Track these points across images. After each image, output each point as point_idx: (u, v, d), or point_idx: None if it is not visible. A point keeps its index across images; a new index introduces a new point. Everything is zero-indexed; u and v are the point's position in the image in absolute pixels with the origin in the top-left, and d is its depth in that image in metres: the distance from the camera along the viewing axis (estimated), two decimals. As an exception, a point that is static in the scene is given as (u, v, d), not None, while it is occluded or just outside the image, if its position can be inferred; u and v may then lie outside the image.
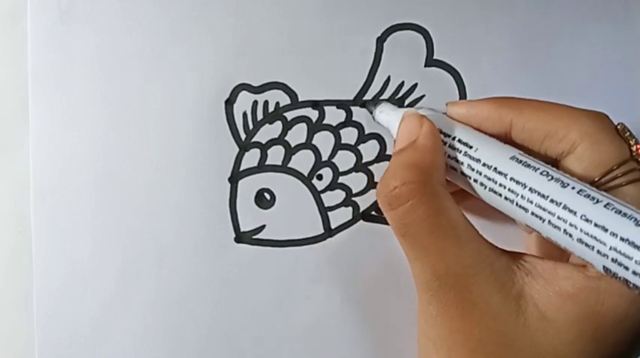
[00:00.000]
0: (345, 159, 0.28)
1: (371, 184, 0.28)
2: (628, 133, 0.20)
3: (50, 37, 0.27)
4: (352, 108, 0.28)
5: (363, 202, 0.28)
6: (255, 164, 0.28)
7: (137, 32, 0.27)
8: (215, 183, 0.27)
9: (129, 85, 0.27)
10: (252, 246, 0.27)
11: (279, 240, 0.27)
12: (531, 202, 0.18)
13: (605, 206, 0.16)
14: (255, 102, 0.28)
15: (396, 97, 0.28)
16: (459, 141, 0.21)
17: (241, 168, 0.27)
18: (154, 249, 0.27)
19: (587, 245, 0.16)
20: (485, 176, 0.19)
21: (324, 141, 0.28)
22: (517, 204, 0.18)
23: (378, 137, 0.28)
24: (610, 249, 0.15)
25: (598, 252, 0.16)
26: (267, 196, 0.28)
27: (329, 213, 0.28)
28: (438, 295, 0.20)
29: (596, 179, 0.19)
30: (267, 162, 0.28)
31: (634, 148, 0.20)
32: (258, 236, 0.27)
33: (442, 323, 0.20)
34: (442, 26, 0.28)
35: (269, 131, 0.28)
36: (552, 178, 0.18)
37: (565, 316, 0.18)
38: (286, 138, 0.28)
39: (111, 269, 0.26)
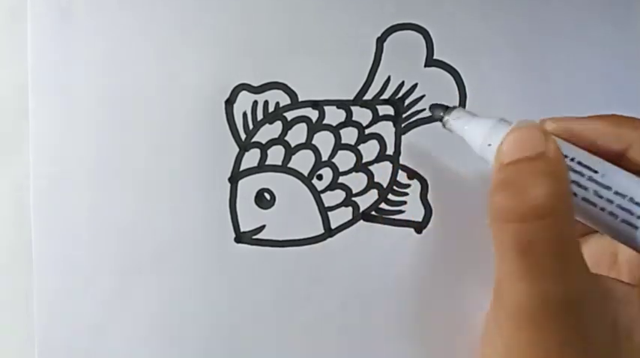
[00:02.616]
0: (345, 159, 0.28)
1: (371, 184, 0.28)
2: None
3: (50, 37, 0.27)
4: (352, 108, 0.28)
5: (363, 202, 0.28)
6: (255, 164, 0.28)
7: (137, 32, 0.27)
8: (215, 183, 0.27)
9: (129, 85, 0.27)
10: (252, 246, 0.27)
11: (279, 240, 0.27)
12: None
13: None
14: (255, 102, 0.28)
15: (396, 97, 0.28)
16: (580, 163, 0.18)
17: (241, 168, 0.27)
18: (153, 249, 0.27)
19: None
20: (617, 205, 0.17)
21: (324, 141, 0.28)
22: None
23: (378, 137, 0.28)
24: None
25: None
26: (267, 196, 0.28)
27: (329, 213, 0.28)
28: (540, 321, 0.18)
29: None
30: (267, 162, 0.28)
31: None
32: (258, 236, 0.27)
33: (536, 352, 0.18)
34: (442, 26, 0.28)
35: (269, 131, 0.28)
36: None
37: None
38: (286, 138, 0.28)
39: (111, 269, 0.26)
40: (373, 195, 0.28)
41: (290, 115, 0.28)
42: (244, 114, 0.28)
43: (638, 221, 0.17)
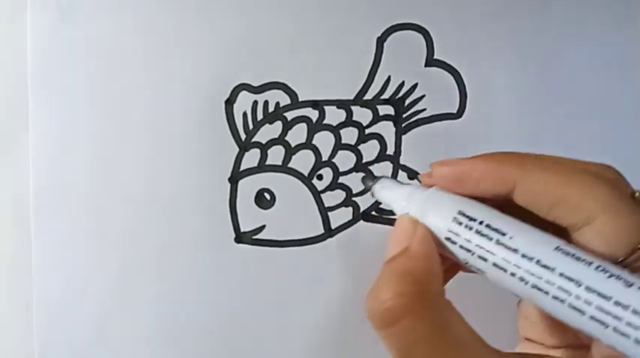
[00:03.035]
0: (345, 159, 0.28)
1: (371, 184, 0.28)
2: None
3: (50, 37, 0.27)
4: (352, 107, 0.28)
5: (363, 202, 0.28)
6: (255, 164, 0.28)
7: (137, 32, 0.27)
8: (215, 183, 0.27)
9: (129, 85, 0.27)
10: (252, 246, 0.27)
11: (279, 240, 0.27)
12: (589, 304, 0.15)
13: None
14: (255, 102, 0.28)
15: (397, 97, 0.28)
16: (488, 226, 0.17)
17: (241, 168, 0.27)
18: (154, 249, 0.27)
19: None
20: (525, 270, 0.16)
21: (324, 141, 0.28)
22: (570, 305, 0.15)
23: (378, 137, 0.28)
24: None
25: None
26: (267, 196, 0.27)
27: (329, 213, 0.28)
28: None
29: (620, 259, 0.16)
30: (267, 162, 0.28)
31: None
32: (258, 236, 0.27)
33: None
34: (442, 26, 0.28)
35: (269, 131, 0.28)
36: (612, 275, 0.15)
37: None
38: (286, 138, 0.28)
39: (111, 269, 0.26)
40: (373, 195, 0.28)
41: (290, 115, 0.28)
42: (244, 114, 0.28)
43: (549, 286, 0.16)
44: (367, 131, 0.28)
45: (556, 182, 0.18)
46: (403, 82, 0.28)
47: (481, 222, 0.17)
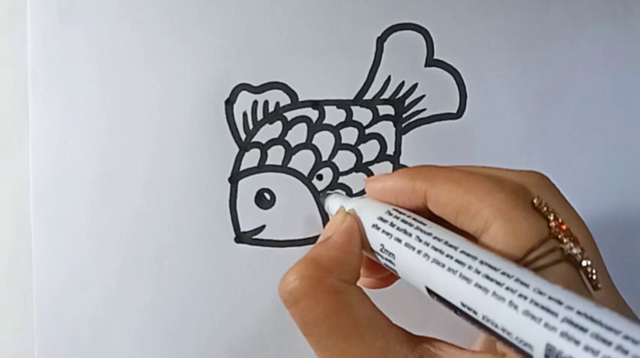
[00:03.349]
0: (345, 159, 0.28)
1: (371, 184, 0.28)
2: (545, 208, 0.18)
3: (50, 37, 0.27)
4: (352, 107, 0.28)
5: (363, 202, 0.28)
6: (255, 164, 0.28)
7: (137, 32, 0.27)
8: (215, 183, 0.27)
9: (128, 85, 0.27)
10: (252, 246, 0.27)
11: (279, 240, 0.27)
12: (478, 272, 0.16)
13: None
14: (255, 102, 0.28)
15: (396, 97, 0.28)
16: (414, 219, 0.19)
17: (241, 168, 0.27)
18: (154, 249, 0.27)
19: (533, 317, 0.14)
20: (432, 246, 0.18)
21: (324, 141, 0.28)
22: (461, 275, 0.16)
23: (378, 137, 0.28)
24: (562, 321, 0.14)
25: (546, 325, 0.14)
26: (267, 196, 0.28)
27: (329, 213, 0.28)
28: None
29: (517, 262, 0.17)
30: (267, 162, 0.28)
31: (552, 224, 0.18)
32: (258, 236, 0.27)
33: None
34: (442, 26, 0.28)
35: (269, 131, 0.28)
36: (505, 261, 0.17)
37: None
38: (286, 138, 0.28)
39: (111, 269, 0.26)
40: (373, 195, 0.28)
41: (290, 115, 0.28)
42: (244, 114, 0.28)
43: (446, 259, 0.17)
44: (367, 131, 0.28)
45: (458, 192, 0.19)
46: (403, 82, 0.28)
47: (409, 216, 0.19)
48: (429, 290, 0.18)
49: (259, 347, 0.27)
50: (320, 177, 0.28)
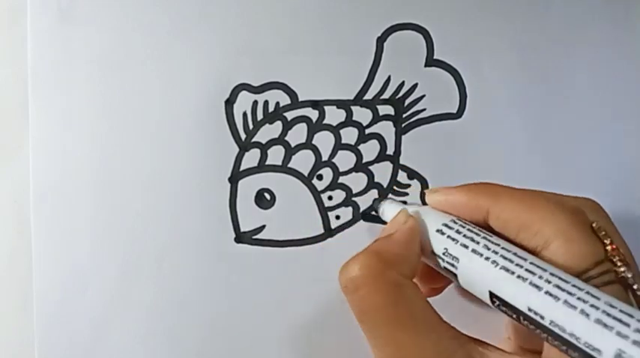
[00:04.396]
0: (345, 159, 0.28)
1: (371, 184, 0.28)
2: (603, 233, 0.19)
3: (50, 37, 0.27)
4: (352, 107, 0.28)
5: (363, 202, 0.28)
6: (255, 164, 0.28)
7: (137, 32, 0.27)
8: (215, 183, 0.27)
9: (128, 85, 0.27)
10: (252, 246, 0.27)
11: (279, 240, 0.27)
12: (549, 282, 0.17)
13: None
14: (255, 102, 0.28)
15: (396, 97, 0.28)
16: (480, 230, 0.20)
17: (241, 168, 0.27)
18: (154, 249, 0.27)
19: (605, 325, 0.16)
20: (500, 255, 0.19)
21: (324, 141, 0.28)
22: (531, 283, 0.17)
23: (378, 137, 0.28)
24: (635, 331, 0.15)
25: (618, 333, 0.15)
26: (267, 196, 0.28)
27: (329, 213, 0.28)
28: None
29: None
30: (267, 162, 0.28)
31: (608, 248, 0.19)
32: (258, 236, 0.27)
33: None
34: (442, 26, 0.28)
35: (269, 131, 0.28)
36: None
37: None
38: (286, 138, 0.28)
39: (111, 269, 0.26)
40: (373, 195, 0.28)
41: (290, 115, 0.28)
42: (244, 114, 0.28)
43: (516, 267, 0.18)
44: (367, 131, 0.28)
45: (521, 210, 0.20)
46: (403, 82, 0.28)
47: (474, 227, 0.20)
48: (492, 295, 0.19)
49: (259, 347, 0.27)
50: (320, 177, 0.28)
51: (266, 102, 0.28)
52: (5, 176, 0.27)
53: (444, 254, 0.20)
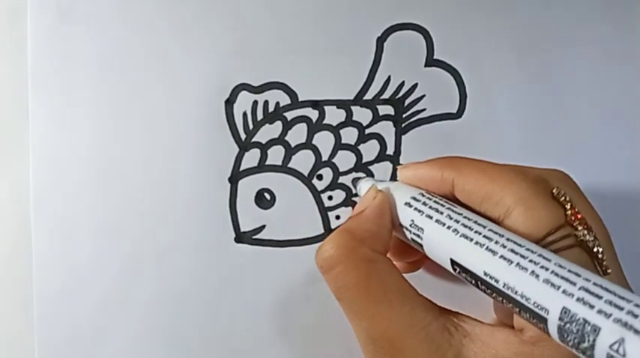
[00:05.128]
0: (345, 159, 0.28)
1: (371, 184, 0.28)
2: (564, 198, 0.19)
3: (50, 38, 0.27)
4: (352, 107, 0.28)
5: (363, 202, 0.28)
6: (255, 164, 0.28)
7: (137, 33, 0.27)
8: (215, 183, 0.27)
9: (129, 86, 0.27)
10: (252, 246, 0.27)
11: (279, 240, 0.27)
12: (504, 247, 0.18)
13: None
14: (255, 102, 0.28)
15: (396, 97, 0.28)
16: (446, 201, 0.21)
17: (241, 168, 0.27)
18: (153, 249, 0.27)
19: (553, 285, 0.16)
20: (461, 224, 0.19)
21: (324, 141, 0.28)
22: (488, 248, 0.18)
23: (378, 137, 0.28)
24: (580, 289, 0.15)
25: (564, 291, 0.16)
26: (267, 196, 0.28)
27: (329, 213, 0.28)
28: (371, 356, 0.20)
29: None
30: (267, 162, 0.28)
31: (569, 212, 0.19)
32: (258, 236, 0.27)
33: None
34: (442, 26, 0.28)
35: (269, 131, 0.28)
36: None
37: None
38: (286, 138, 0.28)
39: (111, 269, 0.26)
40: (373, 195, 0.28)
41: (290, 115, 0.28)
42: (244, 114, 0.28)
43: (474, 234, 0.19)
44: (367, 131, 0.28)
45: (484, 181, 0.20)
46: (403, 82, 0.28)
47: (440, 199, 0.21)
48: (453, 262, 0.19)
49: (259, 347, 0.27)
50: (320, 177, 0.28)
51: (266, 102, 0.28)
52: (5, 176, 0.27)
53: (410, 226, 0.21)
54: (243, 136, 0.27)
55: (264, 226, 0.27)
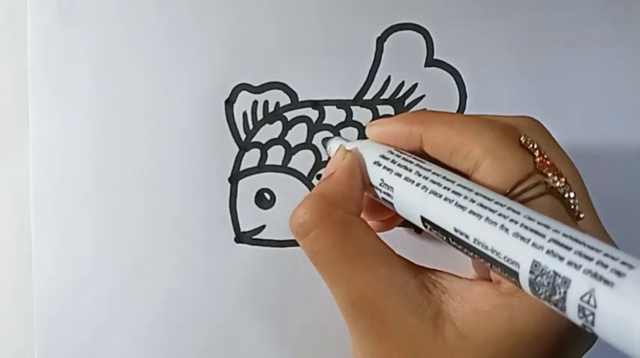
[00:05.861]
0: (345, 159, 0.28)
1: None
2: (532, 144, 0.19)
3: (50, 37, 0.27)
4: (352, 107, 0.28)
5: (363, 202, 0.28)
6: (255, 164, 0.28)
7: (137, 32, 0.27)
8: (215, 183, 0.27)
9: (128, 85, 0.27)
10: (252, 246, 0.27)
11: (279, 240, 0.27)
12: (473, 201, 0.17)
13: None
14: (255, 102, 0.28)
15: (396, 97, 0.28)
16: (414, 158, 0.21)
17: (241, 168, 0.27)
18: (153, 248, 0.27)
19: (522, 238, 0.16)
20: (430, 180, 0.19)
21: (324, 141, 0.28)
22: (457, 203, 0.18)
23: (378, 137, 0.28)
24: (549, 241, 0.15)
25: (533, 244, 0.15)
26: (267, 196, 0.28)
27: (329, 213, 0.28)
28: (355, 321, 0.20)
29: (505, 195, 0.18)
30: (267, 162, 0.28)
31: (537, 159, 0.19)
32: (258, 236, 0.27)
33: (363, 347, 0.20)
34: (442, 26, 0.28)
35: (269, 131, 0.28)
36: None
37: (482, 333, 0.18)
38: (286, 138, 0.28)
39: (111, 269, 0.26)
40: (373, 195, 0.28)
41: (290, 115, 0.28)
42: (244, 114, 0.28)
43: (443, 190, 0.18)
44: (367, 131, 0.28)
45: (452, 134, 0.20)
46: (403, 82, 0.28)
47: (409, 156, 0.21)
48: (423, 220, 0.19)
49: (259, 347, 0.27)
50: (320, 177, 0.28)
51: (266, 102, 0.28)
52: (5, 176, 0.27)
53: (380, 184, 0.21)
54: (243, 136, 0.27)
55: (264, 226, 0.27)
